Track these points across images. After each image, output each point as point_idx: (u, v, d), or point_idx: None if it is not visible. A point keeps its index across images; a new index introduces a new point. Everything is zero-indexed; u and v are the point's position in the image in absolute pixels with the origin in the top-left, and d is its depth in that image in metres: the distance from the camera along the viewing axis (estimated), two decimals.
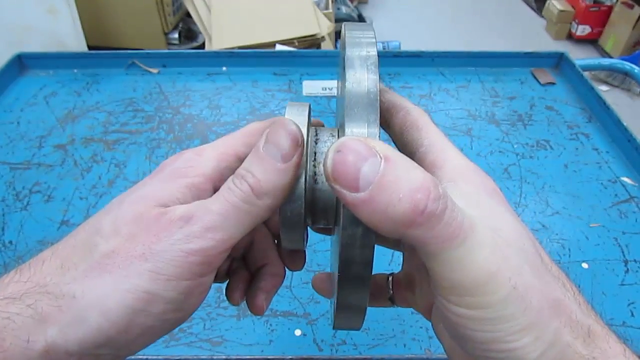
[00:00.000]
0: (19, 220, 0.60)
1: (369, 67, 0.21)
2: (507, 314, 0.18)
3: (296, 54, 0.94)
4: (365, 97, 0.20)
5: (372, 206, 0.17)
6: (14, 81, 0.85)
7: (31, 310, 0.18)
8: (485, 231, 0.18)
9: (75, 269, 0.20)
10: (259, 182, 0.21)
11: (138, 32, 2.03)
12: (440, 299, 0.19)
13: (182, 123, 0.76)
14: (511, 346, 0.18)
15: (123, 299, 0.19)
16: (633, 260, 0.56)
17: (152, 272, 0.19)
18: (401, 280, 0.29)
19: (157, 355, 0.45)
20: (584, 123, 0.78)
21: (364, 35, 0.22)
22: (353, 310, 0.22)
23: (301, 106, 0.24)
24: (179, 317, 0.21)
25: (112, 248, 0.20)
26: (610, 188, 0.66)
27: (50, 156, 0.70)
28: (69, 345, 0.18)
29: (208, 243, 0.20)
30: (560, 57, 0.90)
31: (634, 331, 0.49)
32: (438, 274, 0.18)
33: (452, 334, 0.20)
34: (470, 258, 0.18)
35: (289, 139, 0.21)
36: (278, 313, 0.50)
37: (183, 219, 0.20)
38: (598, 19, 2.51)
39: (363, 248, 0.20)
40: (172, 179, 0.22)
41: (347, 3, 2.28)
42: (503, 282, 0.18)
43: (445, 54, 0.89)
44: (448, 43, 2.56)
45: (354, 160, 0.17)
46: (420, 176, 0.18)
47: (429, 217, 0.17)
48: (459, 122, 0.78)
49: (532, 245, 0.20)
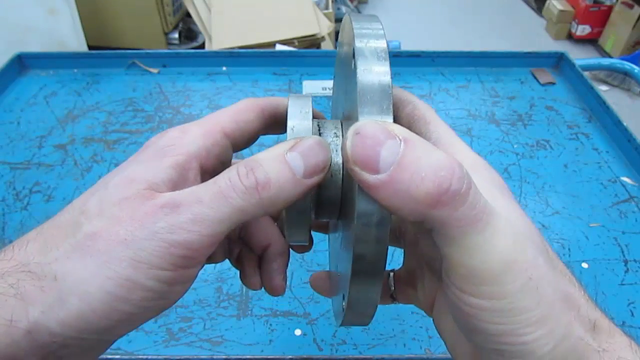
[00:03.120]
0: (19, 220, 0.60)
1: (379, 55, 0.21)
2: (522, 306, 0.17)
3: (296, 54, 0.94)
4: (377, 86, 0.20)
5: (394, 186, 0.17)
6: (14, 81, 0.85)
7: (14, 290, 0.18)
8: (504, 220, 0.18)
9: (58, 249, 0.19)
10: (268, 180, 0.20)
11: (138, 32, 2.03)
12: (454, 289, 0.19)
13: (182, 123, 0.76)
14: (524, 339, 0.18)
15: (103, 285, 0.18)
16: (633, 260, 0.56)
17: (133, 260, 0.19)
18: (402, 277, 0.29)
19: (157, 355, 0.46)
20: (584, 123, 0.78)
21: (371, 26, 0.22)
22: (364, 305, 0.22)
23: (304, 99, 0.24)
24: (161, 304, 0.20)
25: (95, 230, 0.19)
26: (610, 188, 0.66)
27: (50, 156, 0.70)
28: (52, 326, 0.18)
29: (192, 237, 0.19)
30: (560, 57, 0.90)
31: (634, 331, 0.49)
32: (455, 260, 0.18)
33: (463, 327, 0.20)
34: (490, 245, 0.17)
35: (318, 159, 0.20)
36: (278, 313, 0.50)
37: (169, 206, 0.19)
38: (598, 19, 2.51)
39: (377, 242, 0.19)
40: (156, 158, 0.22)
41: (347, 3, 2.28)
42: (520, 273, 0.17)
43: (445, 54, 0.89)
44: (448, 43, 2.56)
45: (374, 142, 0.17)
46: (443, 156, 0.17)
47: (453, 196, 0.17)
48: (459, 122, 0.78)
49: (540, 240, 0.20)
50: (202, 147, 0.23)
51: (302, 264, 0.54)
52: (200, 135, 0.23)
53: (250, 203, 0.20)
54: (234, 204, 0.20)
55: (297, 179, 0.20)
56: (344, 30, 0.25)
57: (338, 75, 0.28)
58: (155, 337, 0.47)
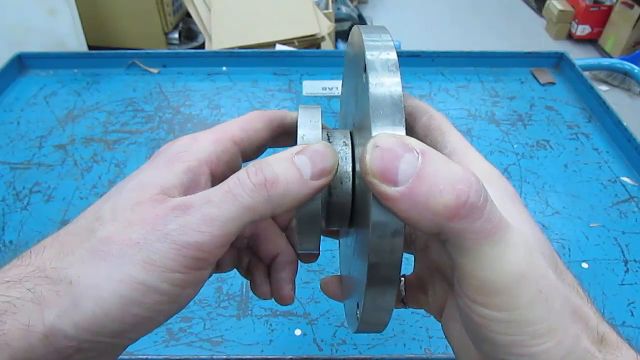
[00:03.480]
0: (19, 220, 0.60)
1: (390, 68, 0.21)
2: (532, 318, 0.18)
3: (296, 54, 0.94)
4: (389, 99, 0.20)
5: (413, 199, 0.17)
6: (14, 81, 0.85)
7: (31, 294, 0.18)
8: (517, 233, 0.19)
9: (73, 254, 0.20)
10: (276, 178, 0.20)
11: (138, 32, 2.03)
12: (465, 299, 0.19)
13: (182, 123, 0.76)
14: (533, 350, 0.18)
15: (117, 289, 0.19)
16: (633, 260, 0.56)
17: (145, 263, 0.19)
18: (413, 282, 0.29)
19: (157, 355, 0.46)
20: (584, 123, 0.78)
21: (381, 38, 0.23)
22: (379, 314, 0.22)
23: (314, 109, 0.24)
24: (174, 308, 0.21)
25: (109, 234, 0.20)
26: (610, 188, 0.66)
27: (50, 156, 0.70)
28: (67, 330, 0.18)
29: (203, 237, 0.19)
30: (560, 57, 0.90)
31: (634, 331, 0.49)
32: (468, 272, 0.18)
33: (472, 336, 0.20)
34: (504, 258, 0.18)
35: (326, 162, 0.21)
36: (278, 313, 0.50)
37: (180, 208, 0.20)
38: (598, 19, 2.51)
39: (392, 252, 0.19)
40: (168, 165, 0.22)
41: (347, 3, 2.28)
42: (530, 285, 0.18)
43: (445, 54, 0.89)
44: (448, 43, 2.56)
45: (392, 155, 0.18)
46: (460, 169, 0.18)
47: (471, 209, 0.17)
48: (459, 122, 0.78)
49: (551, 252, 0.20)
50: (212, 153, 0.23)
51: (302, 264, 0.54)
52: (211, 142, 0.23)
53: (259, 201, 0.20)
54: (243, 202, 0.20)
55: (305, 180, 0.21)
56: (353, 39, 0.25)
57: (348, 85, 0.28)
58: (155, 337, 0.47)
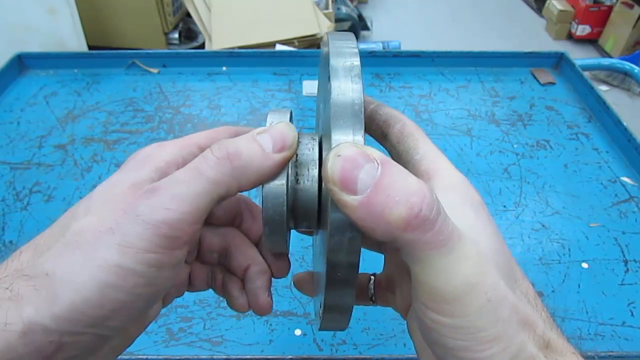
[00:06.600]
0: (19, 220, 0.60)
1: (353, 78, 0.22)
2: (479, 325, 0.19)
3: (296, 54, 0.94)
4: (350, 108, 0.21)
5: (369, 208, 0.18)
6: (14, 81, 0.85)
7: (8, 293, 0.19)
8: (470, 243, 0.19)
9: (49, 250, 0.20)
10: (239, 151, 0.21)
11: (138, 32, 2.03)
12: (419, 303, 0.20)
13: (182, 123, 0.76)
14: (480, 355, 0.19)
15: (93, 274, 0.19)
16: (633, 260, 0.56)
17: (120, 246, 0.19)
18: (382, 281, 0.30)
19: (157, 355, 0.46)
20: (584, 123, 0.78)
21: (346, 45, 0.23)
22: (339, 311, 0.23)
23: (283, 113, 0.25)
24: (152, 291, 0.21)
25: (82, 226, 0.20)
26: (610, 188, 0.66)
27: (50, 156, 0.70)
28: (46, 323, 0.18)
29: (174, 215, 0.20)
30: (560, 57, 0.90)
31: (634, 331, 0.49)
32: (421, 279, 0.19)
33: (425, 337, 0.21)
34: (454, 268, 0.19)
35: (285, 137, 0.22)
36: (278, 313, 0.50)
37: (150, 191, 0.21)
38: (598, 19, 2.51)
39: (350, 253, 0.20)
40: (137, 167, 0.23)
41: (347, 3, 2.28)
42: (479, 295, 0.19)
43: (445, 54, 0.89)
44: (448, 43, 2.56)
45: (353, 165, 0.18)
46: (415, 181, 0.18)
47: (422, 221, 0.18)
48: (459, 122, 0.78)
49: (507, 260, 0.21)
50: (178, 156, 0.24)
51: (302, 264, 0.54)
52: (177, 147, 0.24)
53: (224, 173, 0.21)
54: (208, 176, 0.21)
55: (267, 153, 0.22)
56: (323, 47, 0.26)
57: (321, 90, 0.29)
58: (155, 337, 0.47)
